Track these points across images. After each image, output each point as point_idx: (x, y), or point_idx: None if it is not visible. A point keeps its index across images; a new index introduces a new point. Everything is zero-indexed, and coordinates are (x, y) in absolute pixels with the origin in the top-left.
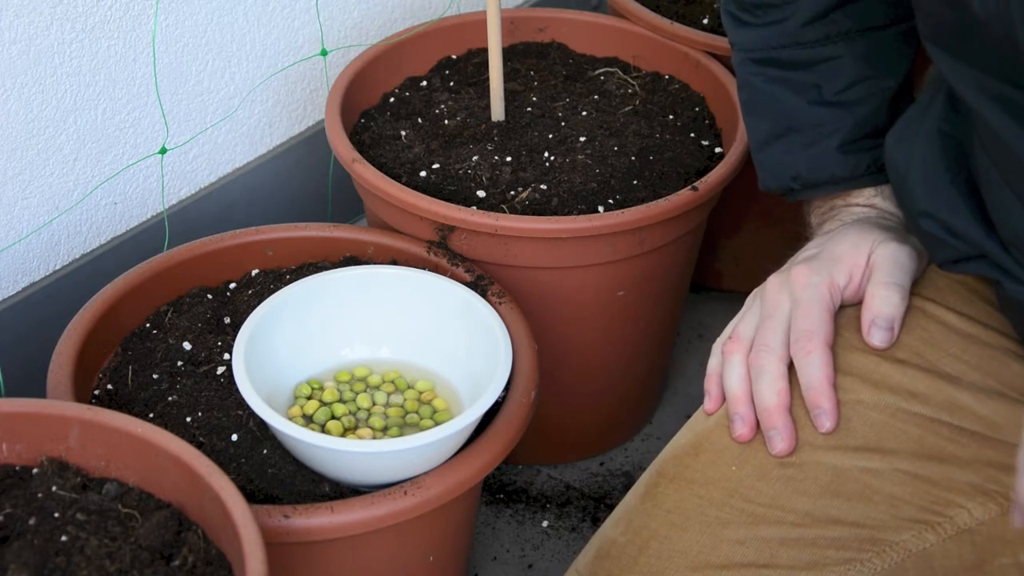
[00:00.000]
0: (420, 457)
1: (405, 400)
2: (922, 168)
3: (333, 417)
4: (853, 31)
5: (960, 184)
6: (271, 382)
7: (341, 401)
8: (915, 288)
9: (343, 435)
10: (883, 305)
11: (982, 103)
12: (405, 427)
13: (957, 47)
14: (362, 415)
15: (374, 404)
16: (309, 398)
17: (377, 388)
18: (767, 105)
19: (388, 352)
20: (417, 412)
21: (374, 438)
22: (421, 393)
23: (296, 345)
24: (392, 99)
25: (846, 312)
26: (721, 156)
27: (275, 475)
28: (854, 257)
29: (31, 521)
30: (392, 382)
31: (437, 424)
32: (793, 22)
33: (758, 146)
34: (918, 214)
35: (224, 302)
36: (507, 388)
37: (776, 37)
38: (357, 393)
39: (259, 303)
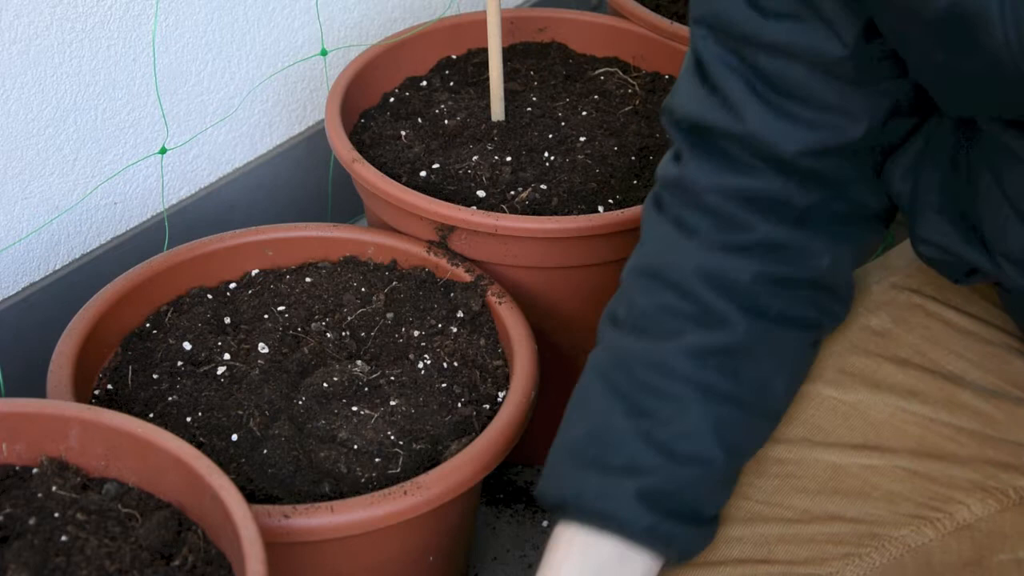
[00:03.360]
0: None
1: None
2: (920, 196)
3: None
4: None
5: (952, 212)
6: None
7: None
8: (916, 286)
9: None
10: None
11: (1002, 130)
12: None
13: (978, 98)
14: None
15: None
16: None
17: None
18: (595, 406)
19: None
20: None
21: None
22: None
23: None
24: (392, 99)
25: (849, 312)
26: None
27: (275, 475)
28: None
29: (31, 521)
30: None
31: None
32: (668, 344)
33: (563, 444)
34: (918, 239)
35: (224, 302)
36: (507, 388)
37: (644, 351)
38: None
39: (259, 303)
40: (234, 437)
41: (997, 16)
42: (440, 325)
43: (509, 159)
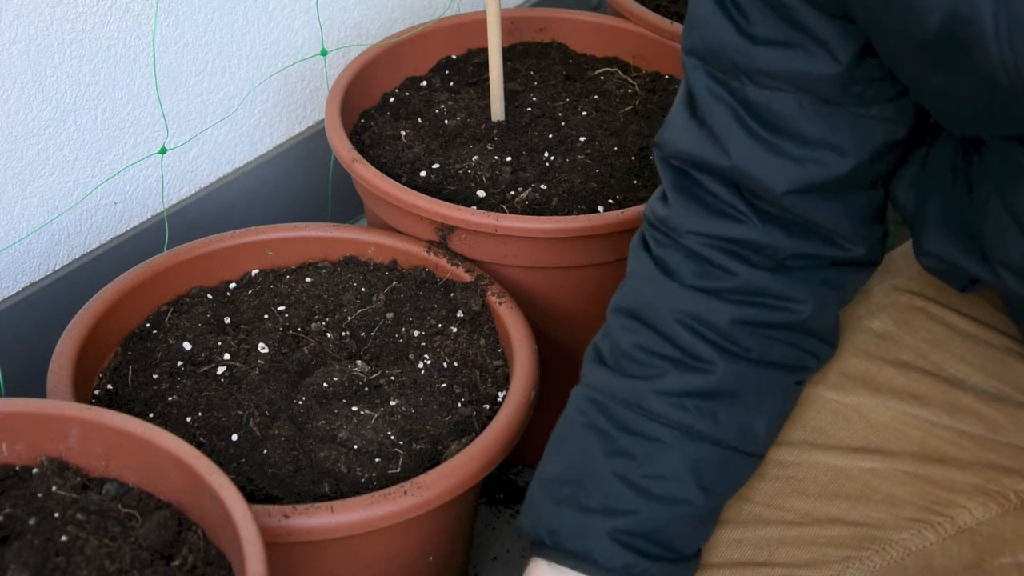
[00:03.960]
0: None
1: None
2: (922, 208)
3: None
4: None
5: (952, 225)
6: None
7: None
8: (919, 289)
9: None
10: None
11: (1006, 145)
12: None
13: (983, 120)
14: None
15: None
16: None
17: None
18: (574, 443)
19: None
20: None
21: None
22: None
23: None
24: (392, 99)
25: (849, 313)
26: None
27: (275, 475)
28: None
29: (31, 521)
30: None
31: None
32: (647, 385)
33: (542, 479)
34: (920, 252)
35: (224, 302)
36: (507, 388)
37: (624, 391)
38: None
39: (259, 303)
40: (234, 437)
41: (992, 35)
42: (440, 325)
43: (509, 159)
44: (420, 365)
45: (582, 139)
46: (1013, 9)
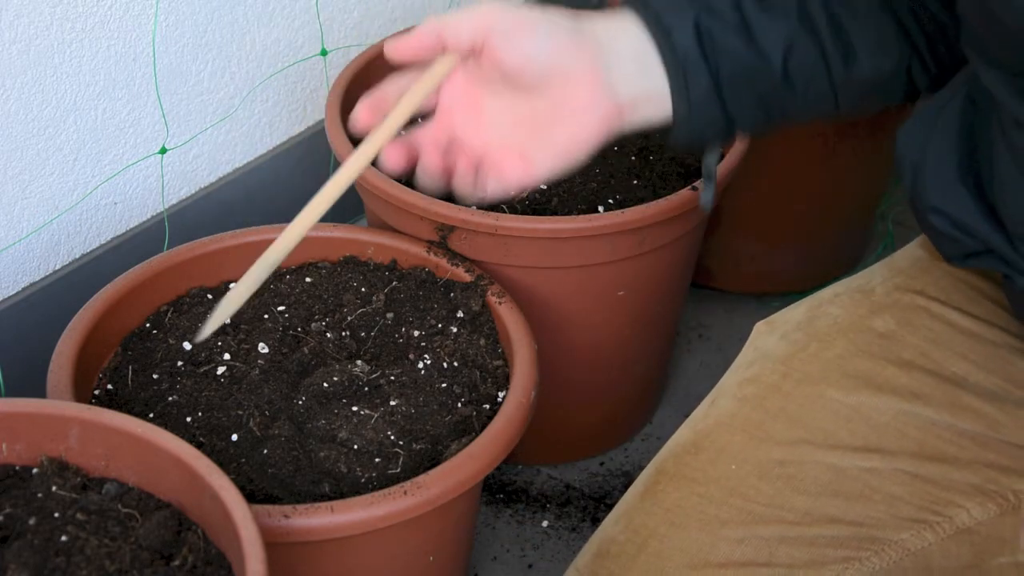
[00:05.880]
0: None
1: None
2: (935, 165)
3: None
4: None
5: (969, 182)
6: None
7: None
8: (920, 288)
9: None
10: None
11: (1012, 96)
12: None
13: (990, 51)
14: None
15: None
16: None
17: None
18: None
19: None
20: None
21: None
22: None
23: None
24: None
25: (851, 313)
26: (721, 156)
27: (275, 475)
28: None
29: (31, 521)
30: None
31: None
32: None
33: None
34: (928, 209)
35: None
36: (507, 388)
37: None
38: None
39: (259, 303)
40: (234, 437)
41: None
42: (440, 325)
43: None
44: (420, 365)
45: None
46: None
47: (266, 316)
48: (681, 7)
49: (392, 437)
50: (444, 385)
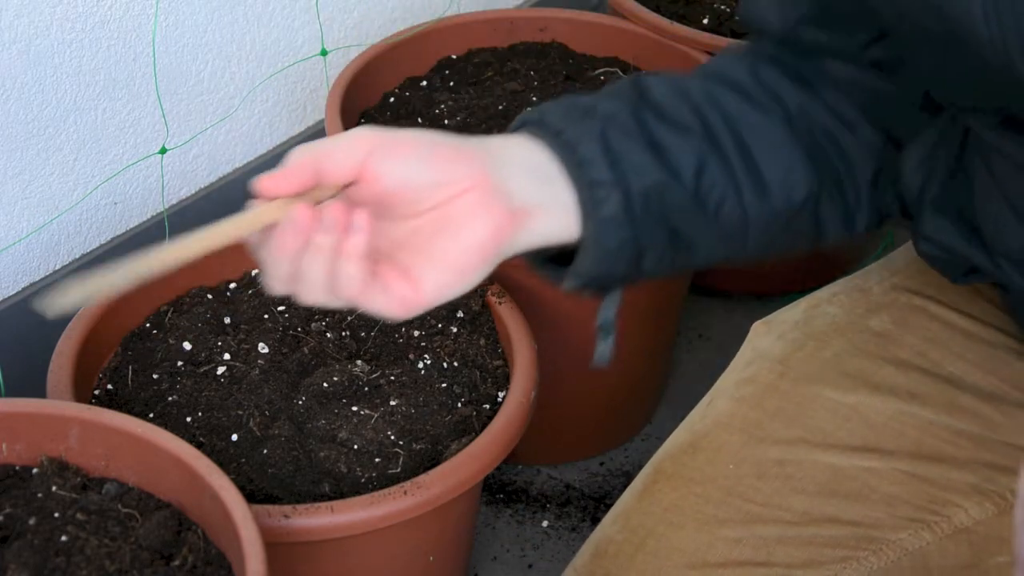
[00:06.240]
0: None
1: None
2: (925, 194)
3: None
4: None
5: (950, 209)
6: None
7: None
8: (917, 287)
9: None
10: None
11: (992, 129)
12: None
13: (967, 92)
14: None
15: None
16: None
17: None
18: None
19: None
20: None
21: None
22: None
23: None
24: (392, 99)
25: (848, 312)
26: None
27: (275, 475)
28: None
29: (31, 521)
30: None
31: None
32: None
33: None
34: (920, 238)
35: (224, 302)
36: (507, 388)
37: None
38: None
39: (259, 303)
40: (234, 437)
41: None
42: (440, 325)
43: None
44: (420, 365)
45: None
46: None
47: (266, 316)
48: (581, 120)
49: (392, 437)
50: (444, 385)
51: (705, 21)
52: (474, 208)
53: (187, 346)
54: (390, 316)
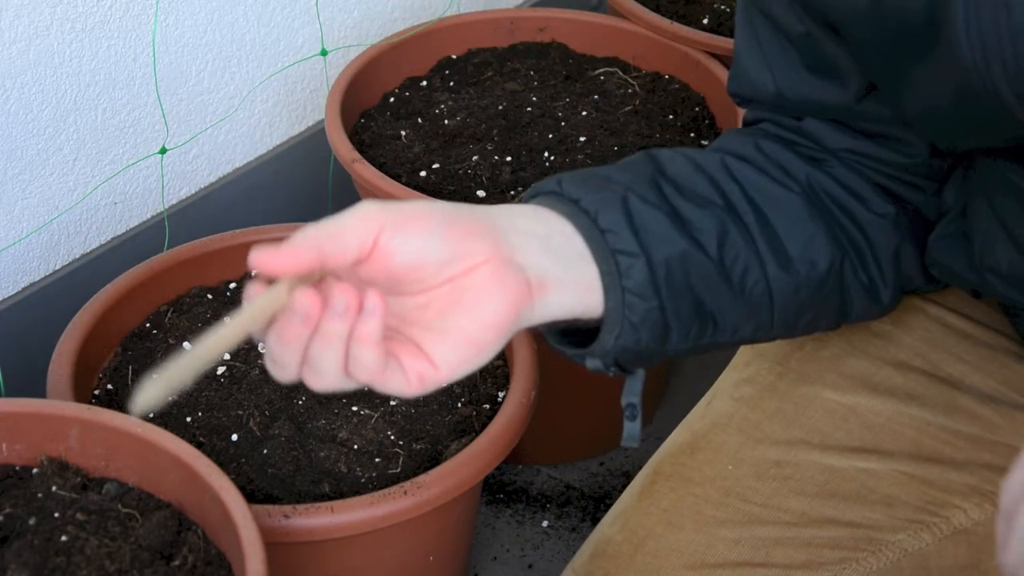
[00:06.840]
0: None
1: None
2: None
3: None
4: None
5: (952, 231)
6: None
7: None
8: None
9: None
10: None
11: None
12: None
13: (963, 131)
14: None
15: None
16: None
17: None
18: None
19: None
20: None
21: None
22: None
23: None
24: (392, 99)
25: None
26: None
27: (275, 475)
28: None
29: (31, 521)
30: None
31: None
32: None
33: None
34: (929, 263)
35: (224, 302)
36: (507, 388)
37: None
38: None
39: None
40: (234, 437)
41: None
42: None
43: (509, 159)
44: None
45: (582, 139)
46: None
47: None
48: (599, 190)
49: (392, 437)
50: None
51: (705, 21)
52: (489, 282)
53: (187, 346)
54: (408, 395)
